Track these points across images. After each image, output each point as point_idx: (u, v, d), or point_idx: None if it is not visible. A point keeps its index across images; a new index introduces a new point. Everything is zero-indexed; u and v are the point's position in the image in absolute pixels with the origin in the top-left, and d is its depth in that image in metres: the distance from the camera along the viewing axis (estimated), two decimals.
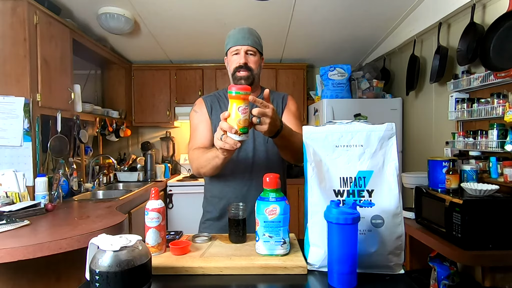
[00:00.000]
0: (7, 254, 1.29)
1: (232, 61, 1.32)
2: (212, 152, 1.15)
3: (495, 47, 1.76)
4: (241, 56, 1.30)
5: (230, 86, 0.98)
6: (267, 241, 0.88)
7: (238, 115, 0.93)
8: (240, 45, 1.30)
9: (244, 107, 0.93)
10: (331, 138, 0.86)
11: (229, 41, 1.34)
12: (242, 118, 0.94)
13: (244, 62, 1.29)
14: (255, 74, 1.32)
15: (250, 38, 1.31)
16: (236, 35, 1.32)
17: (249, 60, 1.30)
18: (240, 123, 0.94)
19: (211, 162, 1.16)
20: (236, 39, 1.31)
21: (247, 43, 1.30)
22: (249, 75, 1.30)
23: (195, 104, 1.42)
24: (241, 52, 1.30)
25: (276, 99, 1.41)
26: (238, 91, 0.92)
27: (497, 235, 1.44)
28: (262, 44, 1.38)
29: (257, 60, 1.33)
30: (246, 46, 1.30)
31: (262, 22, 2.78)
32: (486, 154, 1.89)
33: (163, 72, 3.67)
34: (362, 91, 3.08)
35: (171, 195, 3.31)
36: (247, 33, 1.32)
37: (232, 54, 1.32)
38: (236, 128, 0.93)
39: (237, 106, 0.93)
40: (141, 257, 0.71)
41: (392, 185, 0.84)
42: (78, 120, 2.53)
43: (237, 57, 1.31)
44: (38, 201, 1.91)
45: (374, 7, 2.57)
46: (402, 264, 0.84)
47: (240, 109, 0.93)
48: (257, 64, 1.33)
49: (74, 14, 2.55)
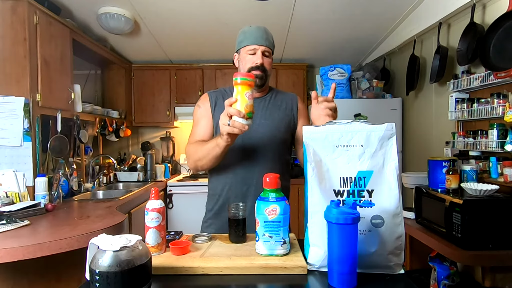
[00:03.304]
0: (7, 254, 1.28)
1: (247, 60, 1.30)
2: (212, 142, 1.16)
3: (495, 47, 1.76)
4: (258, 56, 1.28)
5: (235, 73, 1.02)
6: (267, 241, 0.88)
7: (245, 100, 1.00)
8: (258, 44, 1.28)
9: (251, 92, 1.01)
10: (331, 138, 0.86)
11: (245, 39, 1.31)
12: (249, 103, 1.00)
13: (261, 63, 1.28)
14: (268, 75, 1.32)
15: (268, 39, 1.30)
16: (254, 34, 1.30)
17: (265, 61, 1.30)
18: (248, 107, 1.00)
19: (211, 152, 1.16)
20: (255, 38, 1.29)
21: (266, 43, 1.29)
22: (263, 75, 1.29)
23: (200, 99, 1.41)
24: (258, 52, 1.28)
25: (286, 99, 1.40)
26: (245, 77, 0.99)
27: (497, 235, 1.44)
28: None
29: (271, 62, 1.33)
30: (264, 46, 1.29)
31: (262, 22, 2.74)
32: (486, 154, 1.89)
33: (163, 72, 3.66)
34: (362, 91, 3.08)
35: (171, 195, 3.31)
36: (265, 33, 1.31)
37: (248, 52, 1.30)
38: (244, 112, 0.99)
39: (244, 91, 1.00)
40: (141, 257, 0.71)
41: (392, 185, 0.84)
42: (78, 120, 2.53)
43: (254, 57, 1.29)
44: (38, 201, 1.91)
45: (374, 7, 2.57)
46: (402, 264, 0.84)
47: (247, 95, 1.00)
48: (271, 65, 1.33)
49: (74, 14, 2.55)
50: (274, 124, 1.33)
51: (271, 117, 1.33)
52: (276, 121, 1.34)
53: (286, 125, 1.35)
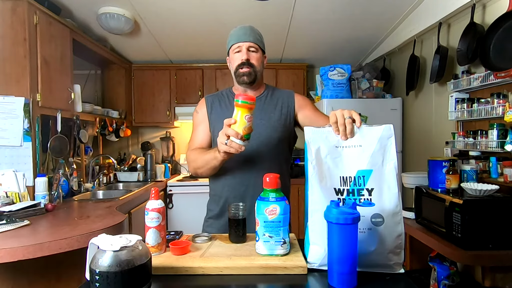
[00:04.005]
0: (7, 254, 1.29)
1: (235, 59, 1.31)
2: (210, 154, 1.19)
3: (495, 47, 1.76)
4: (243, 52, 1.29)
5: (237, 94, 1.02)
6: (267, 241, 0.88)
7: (244, 122, 1.01)
8: (241, 41, 1.30)
9: (250, 115, 1.01)
10: (331, 138, 0.89)
11: (231, 39, 1.33)
12: (248, 125, 1.01)
13: (247, 58, 1.29)
14: (257, 71, 1.31)
15: (252, 35, 1.31)
16: (237, 33, 1.32)
17: (251, 56, 1.30)
18: (245, 130, 1.01)
19: (209, 163, 1.20)
20: (238, 36, 1.31)
21: (249, 39, 1.30)
22: (251, 71, 1.29)
23: (198, 104, 1.43)
24: (243, 48, 1.29)
25: (282, 97, 1.40)
26: (245, 100, 0.99)
27: (497, 235, 1.44)
28: (264, 42, 1.37)
29: (259, 57, 1.32)
30: (248, 42, 1.30)
31: (262, 22, 2.78)
32: (486, 154, 1.89)
33: (163, 72, 3.66)
34: (362, 91, 3.08)
35: (171, 195, 3.31)
36: (249, 30, 1.32)
37: (234, 52, 1.32)
38: (242, 134, 1.00)
39: (244, 114, 1.00)
40: (141, 257, 0.71)
41: (392, 184, 0.84)
42: (78, 120, 2.53)
43: (239, 54, 1.30)
44: (38, 201, 1.91)
45: (374, 7, 2.57)
46: (402, 263, 0.85)
47: (246, 118, 1.00)
48: (259, 61, 1.32)
49: (74, 14, 2.55)
50: (270, 123, 1.32)
51: (267, 116, 1.33)
52: (272, 121, 1.33)
53: (283, 124, 1.34)
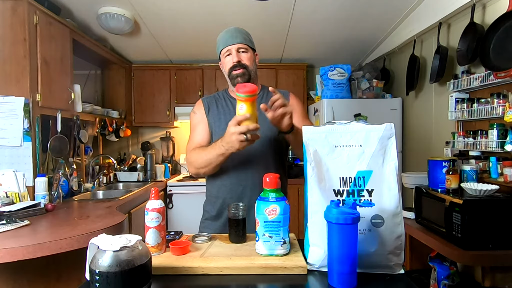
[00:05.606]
0: (7, 254, 1.29)
1: (226, 63, 1.32)
2: (213, 151, 1.18)
3: (495, 47, 1.76)
4: (233, 55, 1.30)
5: (238, 88, 1.03)
6: (267, 241, 0.88)
7: (255, 114, 1.06)
8: (230, 45, 1.30)
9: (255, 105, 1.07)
10: (331, 138, 0.87)
11: (219, 44, 1.34)
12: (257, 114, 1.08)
13: (238, 60, 1.29)
14: (250, 70, 1.31)
15: (239, 36, 1.31)
16: (224, 36, 1.33)
17: (241, 57, 1.30)
18: (257, 119, 1.08)
19: (215, 160, 1.20)
20: (225, 40, 1.31)
21: (237, 41, 1.30)
22: (245, 72, 1.30)
23: (195, 106, 1.44)
24: (233, 51, 1.30)
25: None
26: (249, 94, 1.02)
27: (497, 235, 1.44)
28: (253, 41, 1.38)
29: (250, 57, 1.32)
30: (236, 44, 1.30)
31: (262, 22, 2.78)
32: (486, 154, 1.89)
33: (163, 72, 3.67)
34: (362, 91, 3.08)
35: (171, 195, 3.31)
36: (235, 31, 1.32)
37: (225, 56, 1.33)
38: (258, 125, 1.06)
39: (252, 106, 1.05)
40: (141, 257, 0.71)
41: (392, 185, 0.84)
42: (78, 120, 2.53)
43: (230, 57, 1.31)
44: (38, 201, 1.91)
45: (374, 7, 2.57)
46: (402, 264, 0.84)
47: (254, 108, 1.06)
48: (251, 60, 1.32)
49: (74, 14, 2.55)
50: (266, 124, 1.32)
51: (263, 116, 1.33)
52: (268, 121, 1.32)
53: None
